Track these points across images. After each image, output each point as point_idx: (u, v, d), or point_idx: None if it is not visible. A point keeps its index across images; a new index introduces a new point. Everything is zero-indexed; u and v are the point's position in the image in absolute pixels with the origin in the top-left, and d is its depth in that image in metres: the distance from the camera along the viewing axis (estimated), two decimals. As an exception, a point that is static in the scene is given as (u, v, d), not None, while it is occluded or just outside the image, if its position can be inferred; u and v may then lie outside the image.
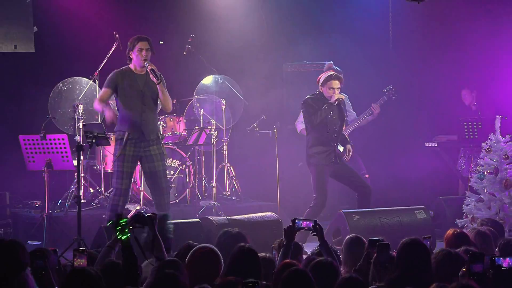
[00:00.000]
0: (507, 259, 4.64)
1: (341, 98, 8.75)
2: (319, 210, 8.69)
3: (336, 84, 8.70)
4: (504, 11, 10.95)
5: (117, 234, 5.00)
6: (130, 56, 8.00)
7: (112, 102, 8.41)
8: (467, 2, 11.15)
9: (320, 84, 8.80)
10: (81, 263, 4.60)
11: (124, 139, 7.89)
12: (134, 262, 4.87)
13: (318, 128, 8.72)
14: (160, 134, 8.24)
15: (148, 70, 7.86)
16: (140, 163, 8.10)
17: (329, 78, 8.73)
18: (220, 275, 4.95)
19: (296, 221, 5.48)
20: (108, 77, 8.08)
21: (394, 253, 5.09)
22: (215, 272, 4.96)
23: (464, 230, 6.39)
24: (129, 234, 4.96)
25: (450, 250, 5.19)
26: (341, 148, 8.92)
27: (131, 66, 8.03)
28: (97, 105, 8.10)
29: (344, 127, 9.31)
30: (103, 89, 8.07)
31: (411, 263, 4.86)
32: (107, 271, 4.85)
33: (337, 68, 10.01)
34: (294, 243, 5.58)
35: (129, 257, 4.88)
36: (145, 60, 7.88)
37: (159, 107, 8.26)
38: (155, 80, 7.85)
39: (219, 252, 5.11)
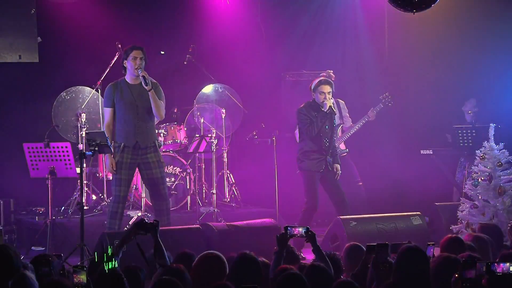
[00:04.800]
0: (501, 264, 4.60)
1: (333, 107, 8.71)
2: (311, 214, 8.69)
3: (326, 88, 8.67)
4: (498, 22, 10.99)
5: (105, 263, 4.69)
6: (125, 65, 8.05)
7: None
8: (462, 12, 11.15)
9: (312, 90, 8.81)
10: (81, 280, 4.43)
11: (121, 148, 7.99)
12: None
13: (312, 138, 8.77)
14: (157, 142, 8.26)
15: (140, 77, 7.90)
16: (139, 171, 8.18)
17: (319, 83, 8.71)
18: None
19: (289, 228, 5.38)
20: (104, 94, 8.15)
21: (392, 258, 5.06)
22: (220, 278, 4.95)
23: (460, 236, 6.43)
24: (116, 265, 4.71)
25: (449, 255, 5.13)
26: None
27: (126, 76, 8.08)
28: (107, 131, 7.99)
29: (340, 134, 9.41)
30: (105, 109, 8.14)
31: (409, 269, 4.79)
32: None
33: (330, 73, 10.05)
34: (291, 253, 5.54)
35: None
36: (137, 68, 7.93)
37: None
38: (146, 87, 7.87)
39: (224, 259, 5.11)
